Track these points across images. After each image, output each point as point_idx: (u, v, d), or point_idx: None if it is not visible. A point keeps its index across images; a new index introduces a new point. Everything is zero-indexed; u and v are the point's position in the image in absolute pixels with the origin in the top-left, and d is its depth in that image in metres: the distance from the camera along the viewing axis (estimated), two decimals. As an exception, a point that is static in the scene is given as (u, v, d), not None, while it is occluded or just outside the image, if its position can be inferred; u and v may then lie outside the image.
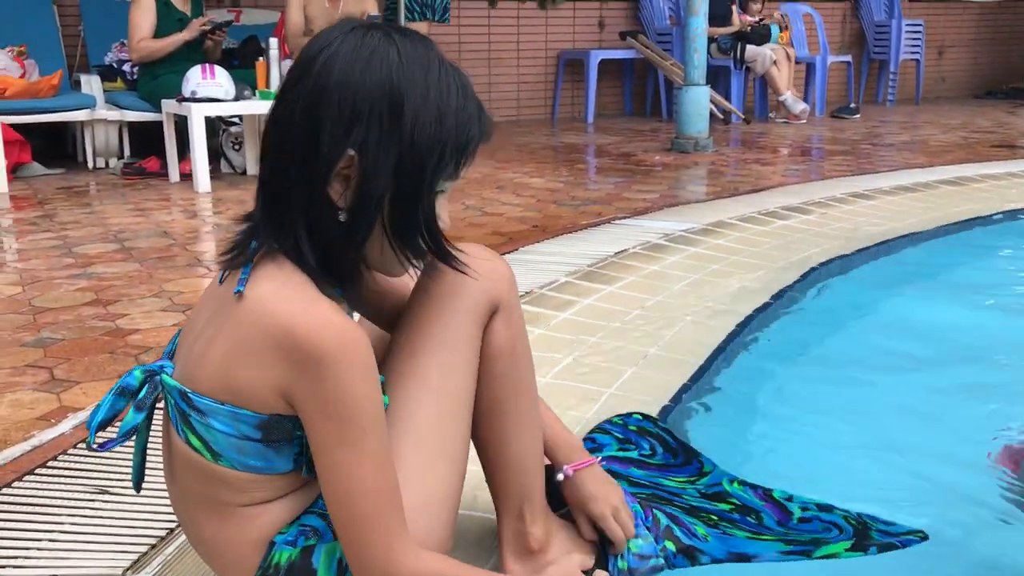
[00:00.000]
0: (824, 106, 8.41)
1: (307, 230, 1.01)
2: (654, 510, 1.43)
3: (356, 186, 1.00)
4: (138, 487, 1.18)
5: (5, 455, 1.69)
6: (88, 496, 1.52)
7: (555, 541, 1.32)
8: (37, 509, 1.48)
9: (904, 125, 7.52)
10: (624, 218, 3.80)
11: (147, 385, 1.08)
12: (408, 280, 1.23)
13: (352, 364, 0.97)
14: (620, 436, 1.71)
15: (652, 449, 1.68)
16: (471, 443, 1.23)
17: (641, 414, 1.78)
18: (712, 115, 6.28)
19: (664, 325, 2.46)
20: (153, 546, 1.36)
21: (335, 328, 0.97)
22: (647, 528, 1.38)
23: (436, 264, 1.16)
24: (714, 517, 1.49)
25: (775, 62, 7.64)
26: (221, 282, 1.07)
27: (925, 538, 1.48)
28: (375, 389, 1.00)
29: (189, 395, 1.03)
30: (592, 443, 1.69)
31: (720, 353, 2.31)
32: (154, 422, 1.12)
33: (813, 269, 3.04)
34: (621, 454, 1.67)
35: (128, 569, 1.31)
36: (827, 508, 1.52)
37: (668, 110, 8.10)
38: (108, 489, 1.54)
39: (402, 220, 1.04)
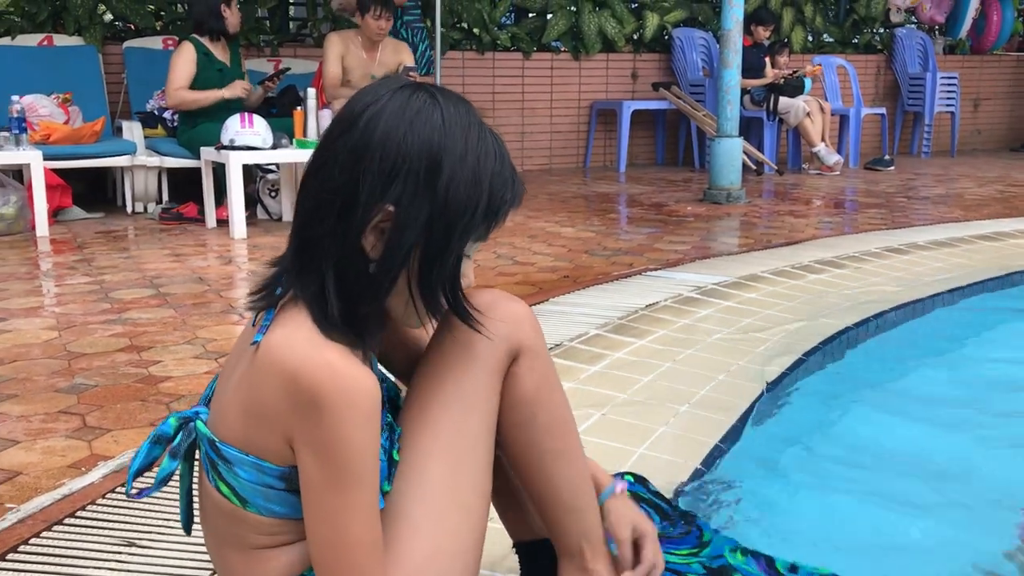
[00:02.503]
0: (858, 158, 8.38)
1: (335, 279, 1.03)
2: None
3: (386, 241, 1.02)
4: (188, 529, 1.19)
5: (36, 503, 1.70)
6: (116, 548, 1.52)
7: None
8: (65, 560, 1.48)
9: (939, 178, 7.47)
10: (656, 270, 3.79)
11: (181, 432, 1.11)
12: (421, 331, 1.23)
13: (351, 410, 0.97)
14: None
15: (649, 518, 1.65)
16: (521, 492, 1.23)
17: (633, 475, 1.74)
18: (745, 166, 6.28)
19: (696, 381, 2.44)
20: (178, 602, 1.36)
21: (336, 372, 0.98)
22: None
23: (445, 323, 1.17)
24: None
25: (808, 114, 7.64)
26: (253, 324, 1.10)
27: None
28: (373, 440, 1.00)
29: (217, 444, 1.05)
30: None
31: (752, 412, 2.28)
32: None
33: (848, 327, 3.00)
34: None
35: (153, 625, 1.30)
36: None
37: (700, 160, 8.12)
38: (135, 541, 1.54)
39: (428, 276, 1.05)
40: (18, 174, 5.16)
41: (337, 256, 1.02)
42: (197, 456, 1.13)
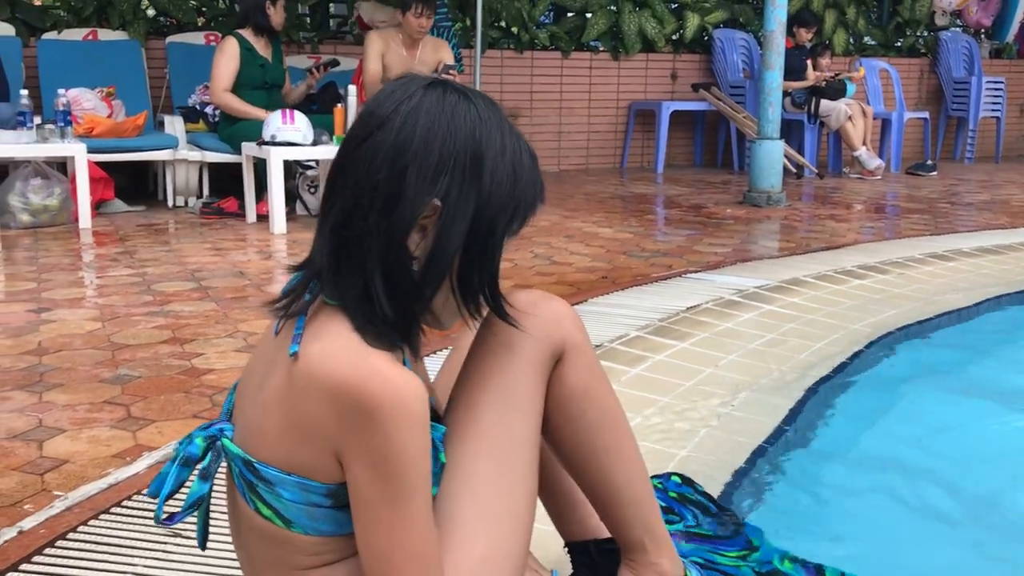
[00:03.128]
0: (900, 163, 8.27)
1: (382, 279, 1.00)
2: None
3: (433, 237, 1.01)
4: (203, 546, 1.18)
5: (83, 492, 1.71)
6: (162, 539, 1.53)
7: None
8: (111, 549, 1.49)
9: (983, 184, 7.36)
10: (695, 272, 3.76)
11: (210, 452, 1.07)
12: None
13: (404, 418, 0.95)
14: (663, 505, 1.65)
15: (696, 519, 1.62)
16: (570, 492, 1.22)
17: (679, 476, 1.72)
18: (785, 169, 6.22)
19: (739, 385, 2.41)
20: (224, 594, 1.36)
21: (387, 380, 0.95)
22: None
23: (487, 324, 1.16)
24: None
25: (850, 117, 7.56)
26: (277, 332, 1.06)
27: None
28: (426, 448, 0.98)
29: (255, 465, 1.02)
30: None
31: (795, 416, 2.25)
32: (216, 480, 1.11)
33: (890, 332, 2.96)
34: (669, 527, 1.61)
35: (199, 616, 1.31)
36: None
37: (739, 163, 8.05)
38: (181, 533, 1.55)
39: (470, 274, 1.04)
40: (62, 166, 5.23)
41: (382, 255, 0.99)
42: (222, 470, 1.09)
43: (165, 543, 1.51)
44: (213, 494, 1.17)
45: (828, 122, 7.66)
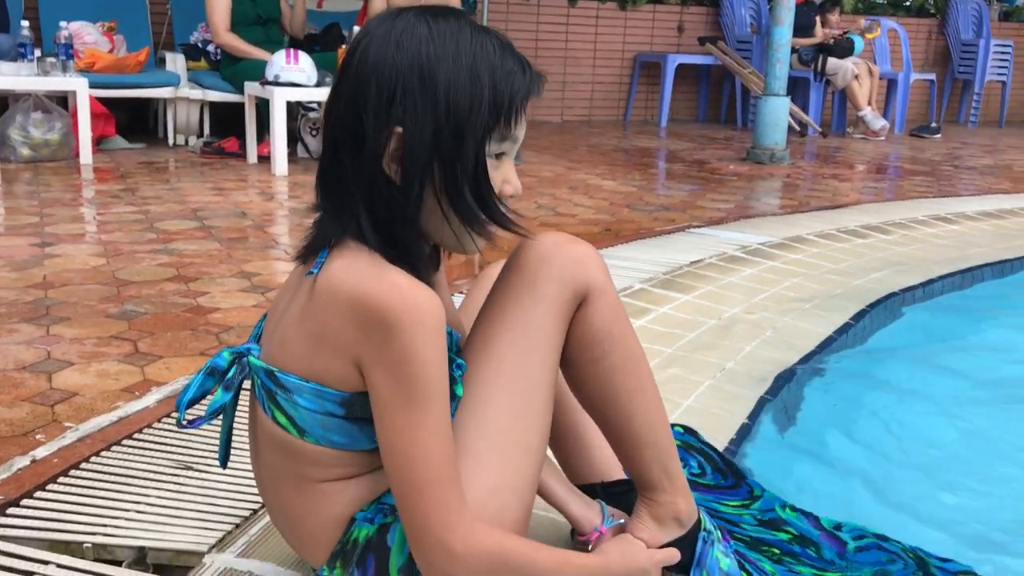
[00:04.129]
0: (904, 124, 8.24)
1: (367, 213, 1.04)
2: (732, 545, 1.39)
3: (400, 159, 1.02)
4: (224, 463, 1.22)
5: (93, 424, 1.72)
6: (173, 471, 1.54)
7: (693, 520, 1.29)
8: (123, 480, 1.51)
9: (987, 148, 7.34)
10: (699, 227, 3.76)
11: (235, 366, 1.13)
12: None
13: (420, 326, 0.98)
14: None
15: (701, 468, 1.64)
16: (590, 435, 1.24)
17: (682, 426, 1.74)
18: (789, 127, 6.19)
19: (741, 339, 2.43)
20: (237, 525, 1.38)
21: (403, 291, 0.99)
22: (731, 553, 1.33)
23: (518, 253, 1.17)
24: (776, 551, 1.45)
25: (856, 76, 7.51)
26: (304, 265, 1.11)
27: None
28: (442, 357, 1.01)
29: (276, 374, 1.07)
30: None
31: (796, 371, 2.27)
32: (240, 403, 1.15)
33: (894, 293, 2.97)
34: None
35: (213, 547, 1.32)
36: (882, 537, 1.47)
37: (743, 119, 8.01)
38: (192, 465, 1.56)
39: (453, 186, 1.04)
40: (62, 101, 5.18)
41: (363, 191, 1.04)
42: (242, 395, 1.14)
43: (176, 475, 1.53)
44: (235, 424, 1.20)
45: (834, 80, 7.61)
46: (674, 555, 1.25)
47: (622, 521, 1.29)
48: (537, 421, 1.16)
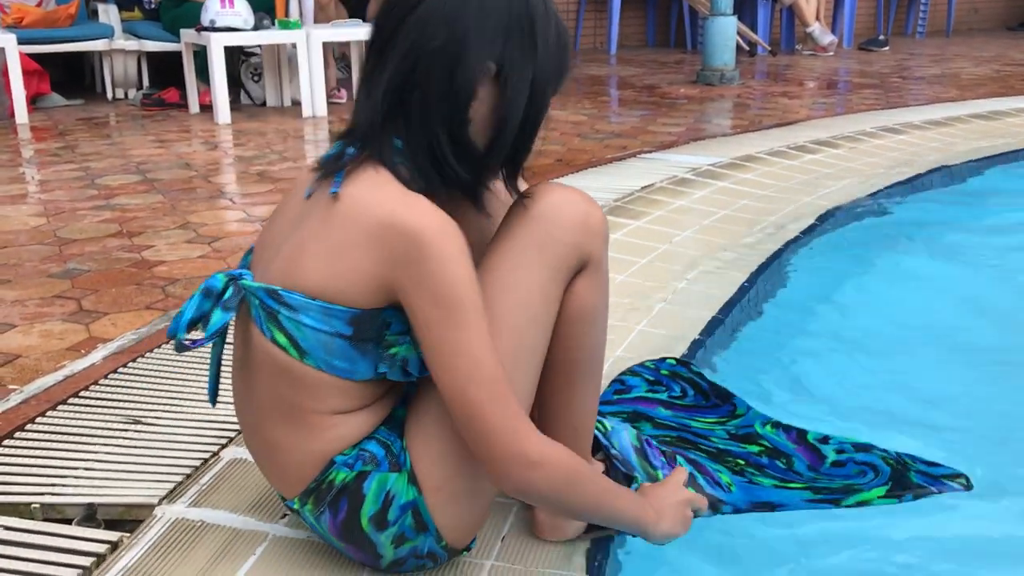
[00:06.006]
0: (852, 38, 8.22)
1: (450, 142, 1.04)
2: (677, 456, 1.40)
3: (496, 100, 1.03)
4: (214, 400, 1.19)
5: (38, 385, 1.69)
6: (121, 426, 1.52)
7: None
8: (71, 439, 1.49)
9: (935, 58, 7.35)
10: (650, 152, 3.74)
11: (231, 287, 1.08)
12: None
13: (450, 248, 0.99)
14: (651, 379, 1.68)
15: (683, 391, 1.65)
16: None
17: (675, 359, 1.74)
18: (737, 47, 6.15)
19: (693, 260, 2.43)
20: (188, 475, 1.37)
21: (432, 216, 1.00)
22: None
23: (528, 203, 1.12)
24: (740, 462, 1.46)
25: (803, -8, 7.45)
26: (308, 197, 1.08)
27: (968, 487, 1.41)
28: (474, 275, 1.01)
29: (279, 292, 1.04)
30: (621, 385, 1.67)
31: (750, 288, 2.28)
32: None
33: (842, 207, 2.99)
34: (649, 395, 1.65)
35: (164, 498, 1.31)
36: (865, 448, 1.48)
37: (692, 41, 7.95)
38: (141, 419, 1.54)
39: (521, 140, 1.07)
40: (-8, 60, 5.00)
41: (446, 119, 1.03)
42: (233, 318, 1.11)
43: (125, 430, 1.51)
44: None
45: (781, -2, 7.55)
46: (701, 500, 1.28)
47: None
48: (525, 383, 1.12)
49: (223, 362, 1.17)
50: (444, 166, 1.04)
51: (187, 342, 1.09)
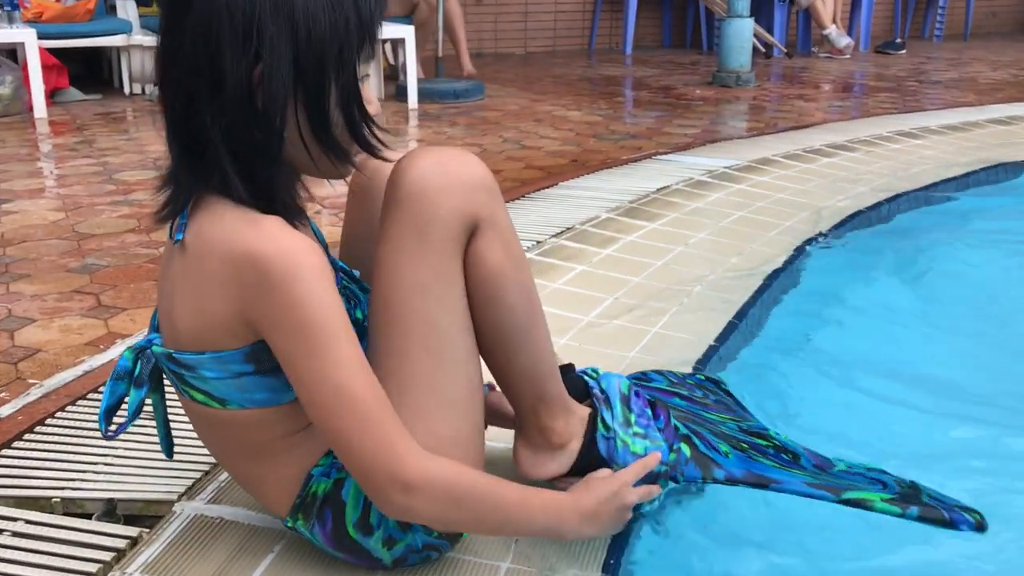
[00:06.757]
0: (869, 41, 8.19)
1: (230, 158, 0.98)
2: (673, 420, 1.33)
3: (262, 97, 0.96)
4: (169, 454, 1.21)
5: (58, 379, 1.71)
6: (141, 422, 1.53)
7: (578, 433, 1.25)
8: (91, 434, 1.50)
9: (952, 62, 7.32)
10: (665, 154, 3.74)
11: (140, 361, 1.09)
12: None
13: (298, 270, 0.95)
14: (674, 380, 1.65)
15: (704, 395, 1.62)
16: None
17: (704, 376, 1.70)
18: (754, 49, 6.13)
19: (709, 264, 2.43)
20: (207, 473, 1.38)
21: (274, 238, 0.96)
22: (658, 430, 1.28)
23: (398, 180, 1.09)
24: (745, 445, 1.41)
25: (820, -6, 7.42)
26: (170, 237, 1.06)
27: (982, 526, 1.30)
28: (330, 293, 0.97)
29: (173, 355, 1.04)
30: (643, 375, 1.61)
31: (765, 292, 2.28)
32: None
33: (861, 211, 2.98)
34: (668, 388, 1.61)
35: (183, 495, 1.32)
36: (878, 471, 1.42)
37: (708, 43, 7.93)
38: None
39: (318, 117, 0.99)
40: (11, 54, 5.03)
41: (223, 136, 0.97)
42: (166, 383, 1.12)
43: (144, 426, 1.52)
44: (170, 407, 1.20)
45: (798, 0, 7.53)
46: (644, 468, 1.21)
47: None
48: (460, 370, 1.11)
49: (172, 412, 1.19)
50: (233, 185, 0.98)
51: (110, 433, 1.11)
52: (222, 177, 0.98)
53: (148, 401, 1.13)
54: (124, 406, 1.13)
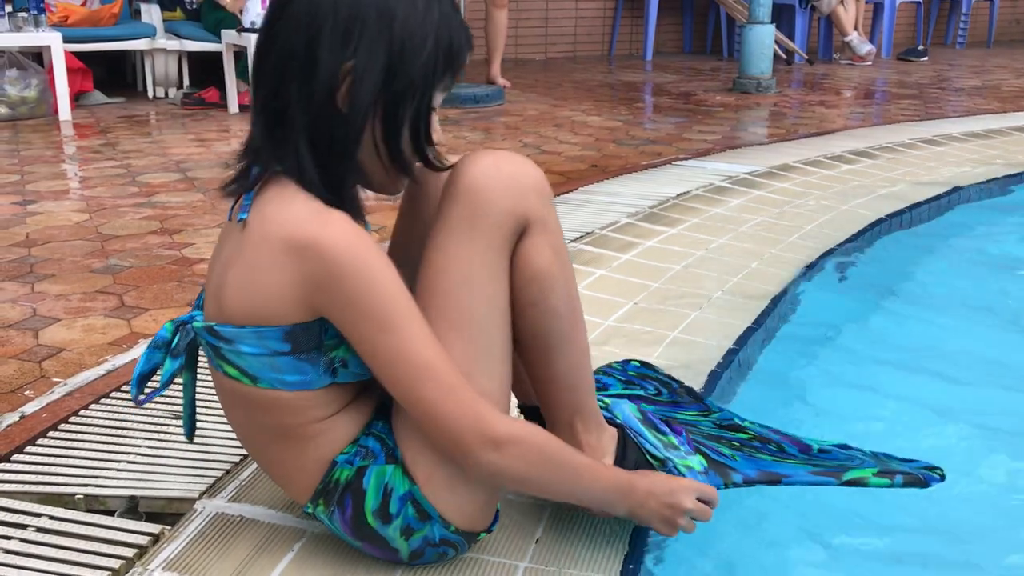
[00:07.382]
0: (891, 48, 8.15)
1: (309, 146, 1.03)
2: (683, 430, 1.35)
3: (351, 92, 1.02)
4: (191, 437, 1.23)
5: (81, 378, 1.73)
6: (162, 421, 1.55)
7: (610, 450, 1.27)
8: (113, 432, 1.51)
9: (975, 69, 7.27)
10: (686, 159, 3.74)
11: (179, 333, 1.12)
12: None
13: (366, 258, 0.99)
14: (623, 379, 1.65)
15: (657, 391, 1.62)
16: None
17: (640, 361, 1.70)
18: (775, 55, 6.12)
19: (729, 269, 2.43)
20: (228, 471, 1.39)
21: (341, 229, 1.00)
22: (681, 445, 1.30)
23: (456, 176, 1.12)
24: (736, 443, 1.42)
25: (842, 1, 7.40)
26: (230, 218, 1.10)
27: (942, 478, 1.36)
28: (394, 275, 1.01)
29: (214, 327, 1.06)
30: (597, 383, 1.63)
31: (784, 297, 2.27)
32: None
33: (882, 218, 2.96)
34: (627, 392, 1.61)
35: (204, 493, 1.33)
36: (844, 446, 1.44)
37: (729, 49, 7.92)
38: (182, 415, 1.57)
39: (392, 127, 1.04)
40: (37, 57, 5.09)
41: (306, 122, 1.02)
42: (200, 360, 1.14)
43: (167, 425, 1.53)
44: (199, 392, 1.21)
45: (819, 6, 7.50)
46: (711, 491, 1.21)
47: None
48: (494, 367, 1.12)
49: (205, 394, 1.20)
50: (306, 170, 1.03)
51: (142, 397, 1.14)
52: (297, 160, 1.03)
53: (179, 381, 1.16)
54: (156, 377, 1.15)
